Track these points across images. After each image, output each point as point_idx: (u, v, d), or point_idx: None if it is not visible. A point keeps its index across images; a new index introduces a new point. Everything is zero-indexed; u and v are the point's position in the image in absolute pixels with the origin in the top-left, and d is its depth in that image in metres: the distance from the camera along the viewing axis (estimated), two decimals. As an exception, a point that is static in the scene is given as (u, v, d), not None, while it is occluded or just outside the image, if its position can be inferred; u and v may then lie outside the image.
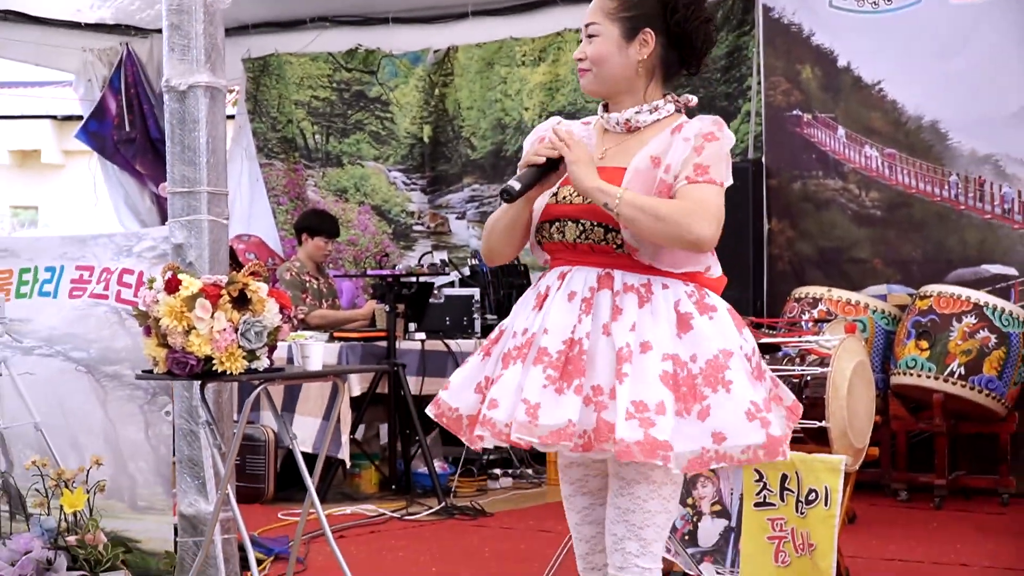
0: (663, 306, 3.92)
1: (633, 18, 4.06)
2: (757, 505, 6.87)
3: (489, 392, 3.96)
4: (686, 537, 7.00)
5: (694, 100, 4.15)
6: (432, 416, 4.14)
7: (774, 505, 6.84)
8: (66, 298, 7.23)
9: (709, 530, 6.93)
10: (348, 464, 9.87)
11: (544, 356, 3.88)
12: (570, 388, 3.84)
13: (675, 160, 3.94)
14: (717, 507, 6.94)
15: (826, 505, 6.72)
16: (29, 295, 7.33)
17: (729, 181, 4.02)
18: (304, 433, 9.56)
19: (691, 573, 6.92)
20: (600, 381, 3.84)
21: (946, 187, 10.19)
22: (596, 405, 3.82)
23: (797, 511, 6.77)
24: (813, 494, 6.75)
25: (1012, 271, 9.89)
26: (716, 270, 4.07)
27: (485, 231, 4.21)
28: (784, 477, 6.82)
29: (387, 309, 10.04)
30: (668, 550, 6.98)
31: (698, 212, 3.89)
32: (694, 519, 7.00)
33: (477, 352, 4.16)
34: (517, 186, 3.97)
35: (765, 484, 6.86)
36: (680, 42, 4.08)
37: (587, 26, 4.09)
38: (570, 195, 4.04)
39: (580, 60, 4.12)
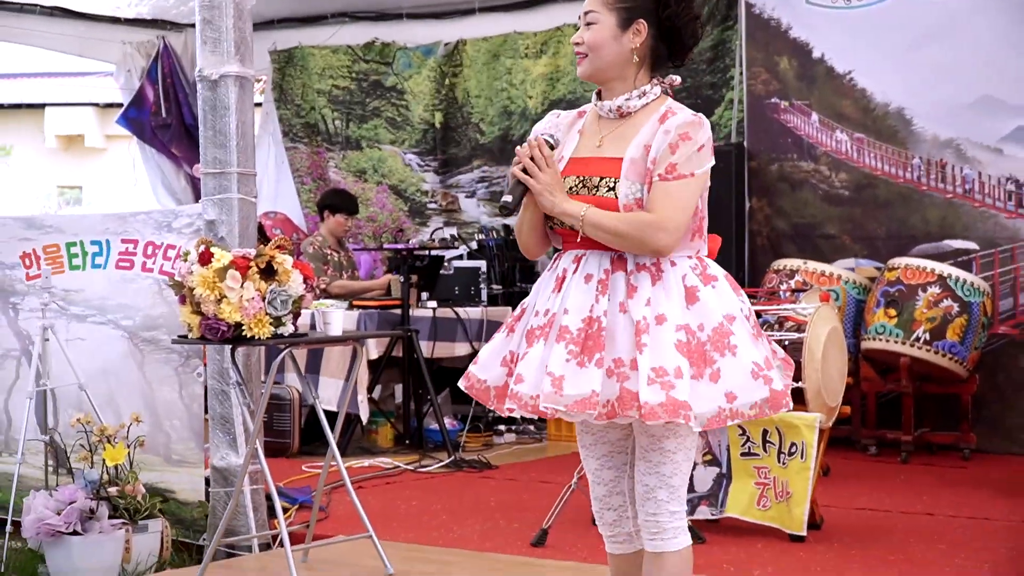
0: (673, 281, 3.93)
1: (629, 9, 4.04)
2: (743, 455, 6.89)
3: (516, 368, 3.97)
4: (681, 484, 7.00)
5: (678, 80, 4.14)
6: (464, 388, 4.13)
7: (758, 455, 6.86)
8: (114, 269, 7.24)
9: (703, 477, 6.95)
10: (365, 421, 9.88)
11: (566, 334, 3.90)
12: (591, 362, 3.86)
13: (656, 153, 3.94)
14: (708, 456, 6.96)
15: (802, 458, 6.75)
16: (82, 267, 7.34)
17: (703, 168, 3.99)
18: (326, 393, 9.57)
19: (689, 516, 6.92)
20: (621, 354, 3.86)
21: (910, 169, 10.17)
22: (618, 376, 3.85)
23: (779, 461, 6.79)
24: (793, 447, 6.77)
25: (972, 245, 9.87)
26: (704, 249, 4.06)
27: (516, 232, 4.20)
28: (765, 432, 6.85)
29: (402, 280, 10.04)
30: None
31: (656, 223, 3.91)
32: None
33: (502, 329, 4.15)
34: (511, 200, 4.01)
35: (748, 437, 6.88)
36: (670, 35, 4.07)
37: (586, 14, 4.08)
38: (576, 186, 4.04)
39: (577, 45, 4.11)
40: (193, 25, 7.13)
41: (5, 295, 7.63)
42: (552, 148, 4.03)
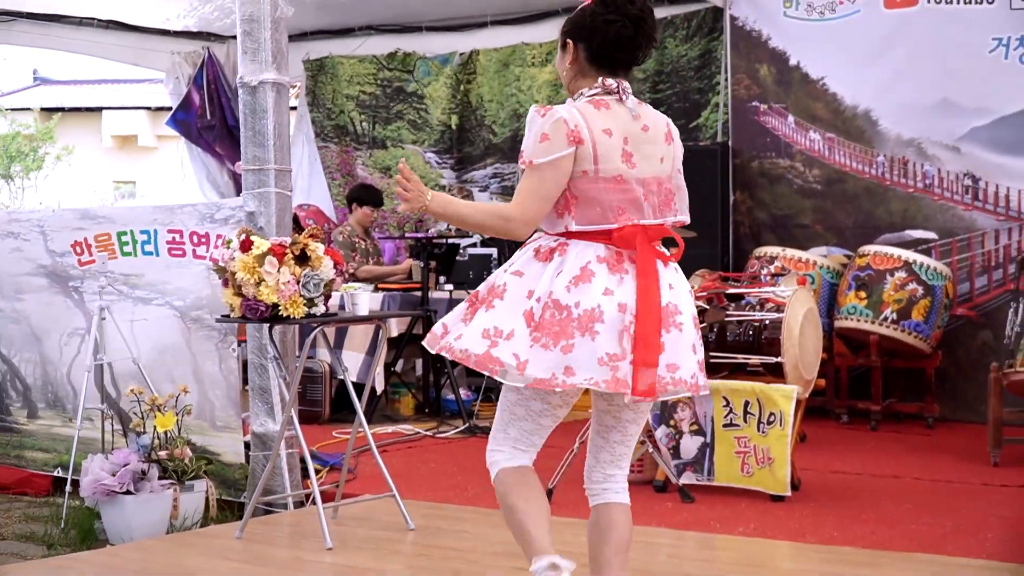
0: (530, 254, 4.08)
1: (564, 33, 4.10)
2: (725, 426, 6.86)
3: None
4: (671, 451, 6.97)
5: (610, 82, 4.02)
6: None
7: (739, 426, 6.82)
8: (167, 256, 7.23)
9: (689, 446, 6.92)
10: (380, 391, 9.86)
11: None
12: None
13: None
14: (695, 427, 6.92)
15: (781, 426, 6.71)
16: (134, 254, 7.32)
17: (545, 159, 3.91)
18: (351, 366, 9.55)
19: (674, 481, 6.90)
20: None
21: (875, 165, 10.13)
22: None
23: (759, 430, 6.76)
24: (772, 416, 6.74)
25: (932, 235, 9.84)
26: (573, 227, 3.99)
27: None
28: (746, 403, 6.81)
29: (422, 265, 10.04)
30: (659, 462, 6.97)
31: (501, 211, 3.99)
32: (676, 437, 6.97)
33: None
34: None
35: (731, 409, 6.84)
36: (596, 47, 4.03)
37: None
38: None
39: None
40: (235, 37, 7.12)
41: (63, 280, 7.61)
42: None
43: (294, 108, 12.24)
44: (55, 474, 7.67)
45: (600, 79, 4.02)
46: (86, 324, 7.57)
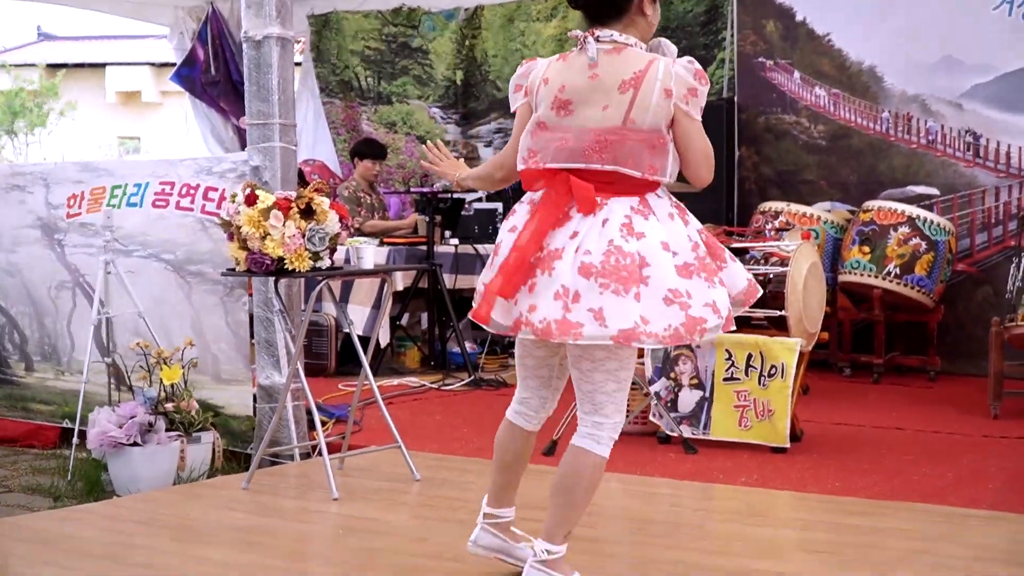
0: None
1: None
2: (726, 379, 6.88)
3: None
4: (668, 404, 7.00)
5: (576, 32, 4.11)
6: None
7: (740, 380, 6.85)
8: (150, 207, 7.23)
9: (687, 399, 6.95)
10: (385, 344, 9.88)
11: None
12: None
13: None
14: (694, 381, 6.94)
15: (783, 378, 6.74)
16: (118, 206, 7.34)
17: (512, 107, 4.25)
18: (356, 319, 9.57)
19: (671, 433, 6.94)
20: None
21: (880, 122, 10.13)
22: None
23: (760, 384, 6.78)
24: (773, 369, 6.76)
25: (934, 191, 9.85)
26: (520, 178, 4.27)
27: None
28: (749, 356, 6.83)
29: (427, 219, 10.04)
30: (656, 415, 7.01)
31: (494, 159, 4.45)
32: (675, 390, 7.00)
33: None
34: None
35: (733, 362, 6.87)
36: None
37: None
38: None
39: None
40: (239, -9, 7.10)
41: (50, 233, 7.64)
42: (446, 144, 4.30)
43: (299, 64, 12.20)
44: (63, 425, 7.72)
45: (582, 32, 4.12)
46: (70, 277, 7.59)
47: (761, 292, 4.16)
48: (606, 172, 3.97)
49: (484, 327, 4.07)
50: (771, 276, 7.14)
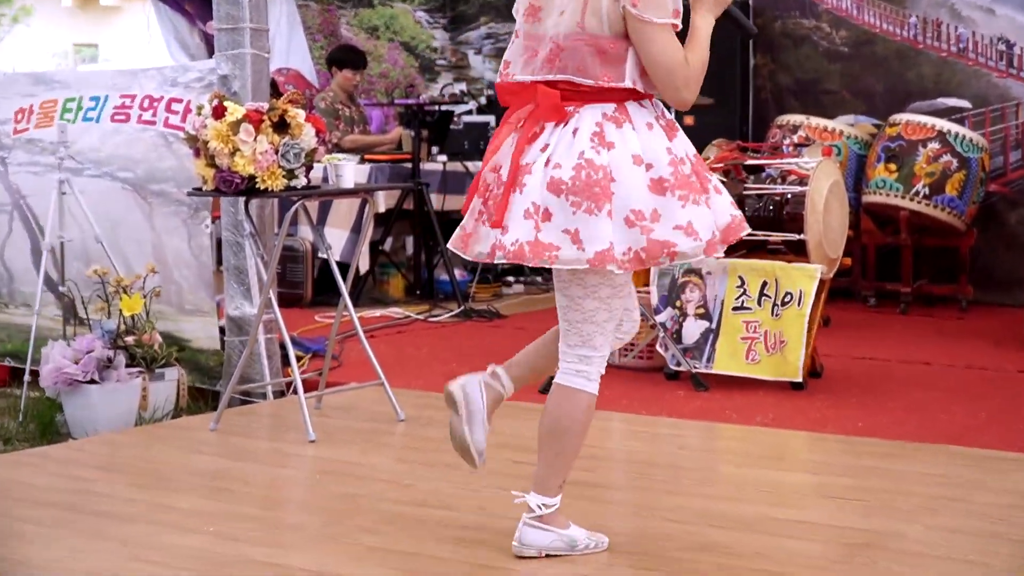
0: None
1: None
2: (735, 309, 6.87)
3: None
4: (673, 336, 6.99)
5: None
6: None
7: (751, 309, 6.84)
8: (108, 122, 7.17)
9: (691, 330, 6.96)
10: (366, 271, 9.87)
11: None
12: None
13: None
14: (701, 310, 6.94)
15: (799, 306, 6.73)
16: (73, 120, 7.27)
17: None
18: (335, 244, 9.54)
19: (679, 369, 6.93)
20: None
21: (907, 27, 10.08)
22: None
23: (772, 314, 6.77)
24: (788, 296, 6.75)
25: (966, 104, 9.83)
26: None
27: (700, 73, 3.98)
28: (764, 284, 6.82)
29: (412, 134, 10.00)
30: (663, 346, 7.00)
31: None
32: (680, 320, 6.99)
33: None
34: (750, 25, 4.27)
35: (745, 290, 6.85)
36: None
37: None
38: None
39: None
40: None
41: (-8, 151, 7.58)
42: None
43: (271, -38, 12.13)
44: (6, 363, 7.68)
45: None
46: (10, 200, 7.53)
47: (747, 231, 4.09)
48: (561, 82, 3.96)
49: (464, 256, 4.06)
50: (789, 196, 7.11)
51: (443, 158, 10.29)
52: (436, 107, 10.31)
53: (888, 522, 4.54)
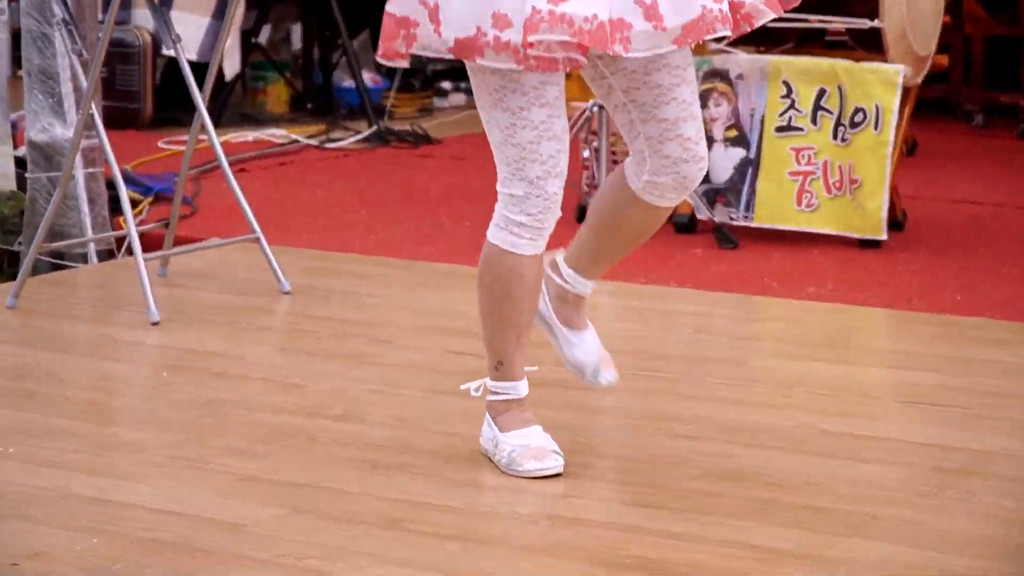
0: None
1: None
2: (780, 130, 6.86)
3: None
4: (693, 171, 7.02)
5: None
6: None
7: (802, 130, 6.82)
8: None
9: (721, 163, 6.92)
10: (234, 75, 9.86)
11: None
12: None
13: None
14: (732, 132, 6.94)
15: (876, 129, 6.74)
16: None
17: None
18: (188, 35, 9.50)
19: (700, 216, 6.96)
20: None
21: None
22: None
23: (835, 138, 6.77)
24: (860, 115, 6.76)
25: None
26: None
27: None
28: (821, 92, 6.81)
29: None
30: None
31: None
32: (703, 147, 7.02)
33: None
34: None
35: (794, 103, 6.83)
36: None
37: None
38: None
39: None
40: None
41: None
42: None
43: None
44: None
45: None
46: None
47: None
48: None
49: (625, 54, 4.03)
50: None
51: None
52: None
53: (995, 437, 4.59)
